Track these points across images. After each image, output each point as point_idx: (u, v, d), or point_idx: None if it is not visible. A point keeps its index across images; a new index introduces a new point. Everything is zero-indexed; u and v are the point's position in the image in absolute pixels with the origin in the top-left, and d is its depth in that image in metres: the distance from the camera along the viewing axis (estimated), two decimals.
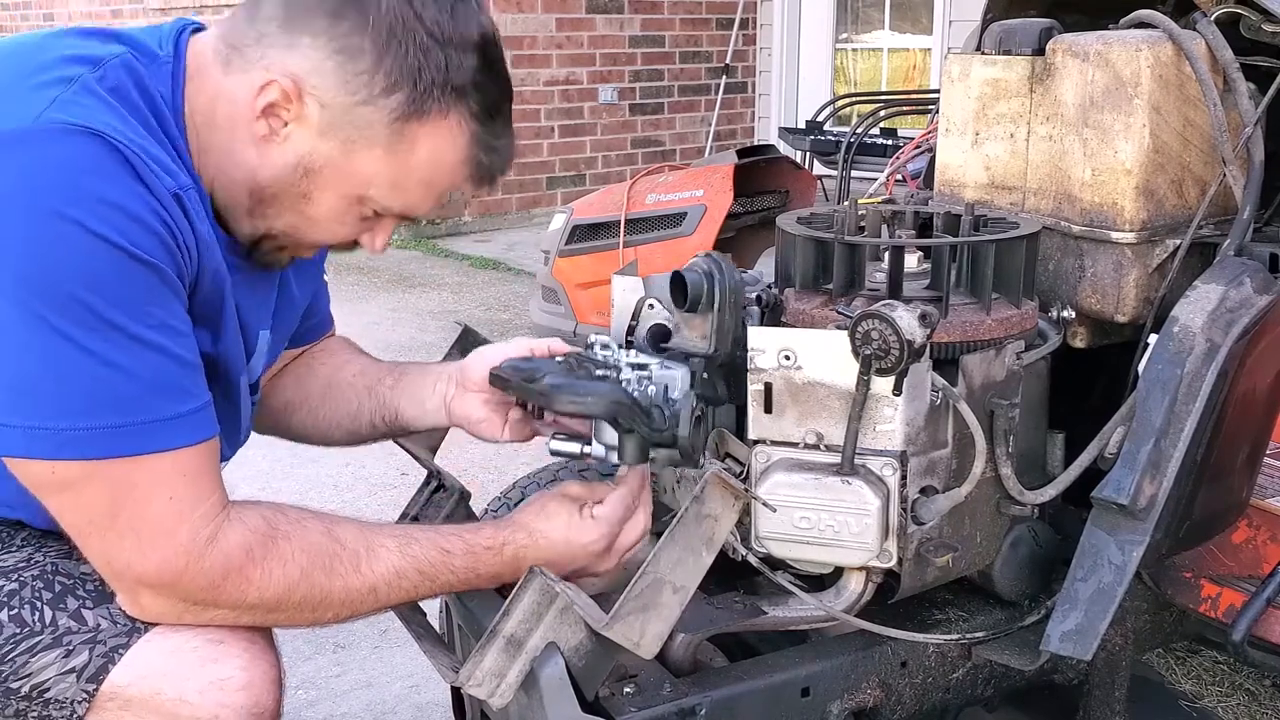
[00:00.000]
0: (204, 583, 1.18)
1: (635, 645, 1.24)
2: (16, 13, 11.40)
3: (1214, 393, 1.39)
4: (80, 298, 1.07)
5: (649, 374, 1.38)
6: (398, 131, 1.22)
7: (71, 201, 1.07)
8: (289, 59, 1.19)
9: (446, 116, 1.23)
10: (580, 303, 4.87)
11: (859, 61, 8.14)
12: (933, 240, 1.53)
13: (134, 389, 1.12)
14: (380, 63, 1.19)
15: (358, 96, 1.20)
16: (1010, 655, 1.49)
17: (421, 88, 1.20)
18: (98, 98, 1.15)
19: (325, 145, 1.22)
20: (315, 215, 1.28)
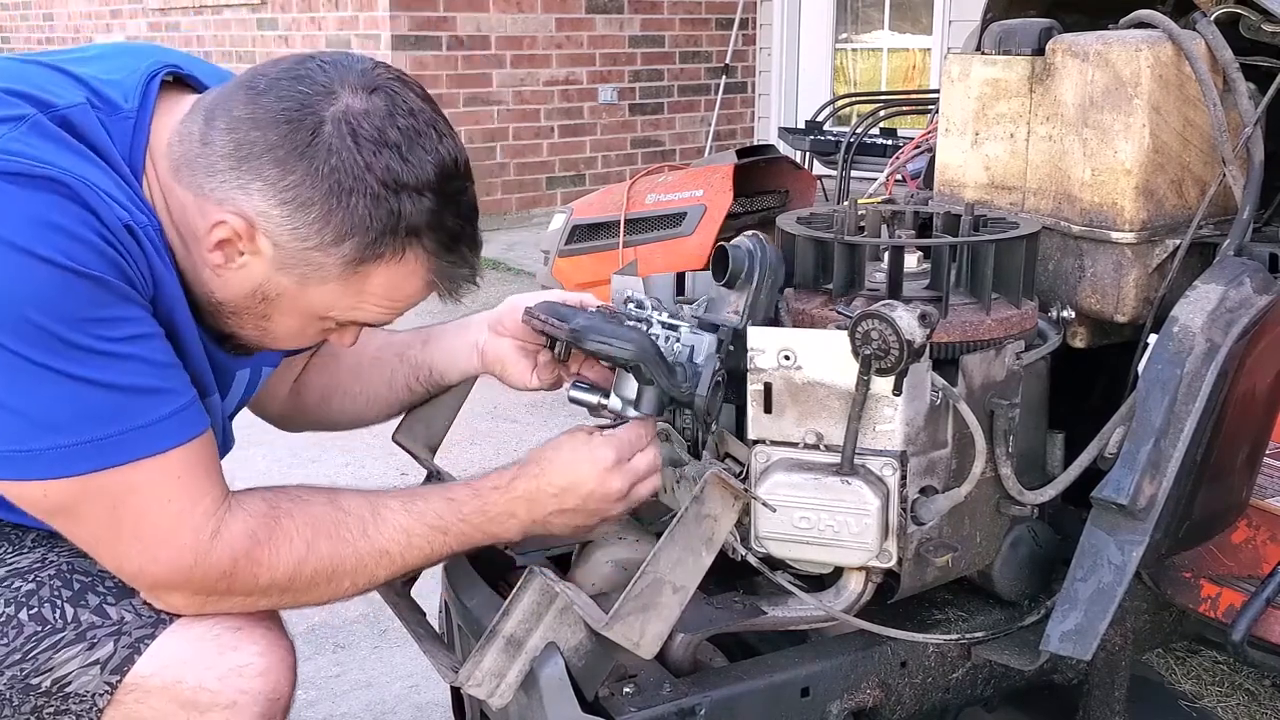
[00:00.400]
0: (215, 575, 1.20)
1: (635, 645, 1.24)
2: (16, 13, 11.40)
3: (1214, 393, 1.39)
4: (34, 320, 1.07)
5: (678, 334, 1.40)
6: (352, 272, 1.21)
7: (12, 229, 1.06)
8: (240, 198, 1.17)
9: (401, 257, 1.21)
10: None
11: (859, 61, 8.14)
12: (932, 240, 1.53)
13: (108, 400, 1.12)
14: (329, 215, 1.17)
15: (309, 243, 1.18)
16: (1010, 655, 1.49)
17: (372, 235, 1.18)
18: (50, 138, 1.14)
19: (280, 278, 1.21)
20: (276, 332, 1.29)
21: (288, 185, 1.15)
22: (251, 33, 8.17)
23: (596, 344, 1.33)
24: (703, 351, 1.38)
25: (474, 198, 1.26)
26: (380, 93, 1.18)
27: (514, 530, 1.36)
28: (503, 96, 7.30)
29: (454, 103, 7.08)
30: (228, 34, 8.45)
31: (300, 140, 1.15)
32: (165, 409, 1.16)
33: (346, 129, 1.15)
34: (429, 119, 1.20)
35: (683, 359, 1.38)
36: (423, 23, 6.88)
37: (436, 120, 1.21)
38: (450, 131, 1.23)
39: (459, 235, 1.24)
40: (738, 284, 1.43)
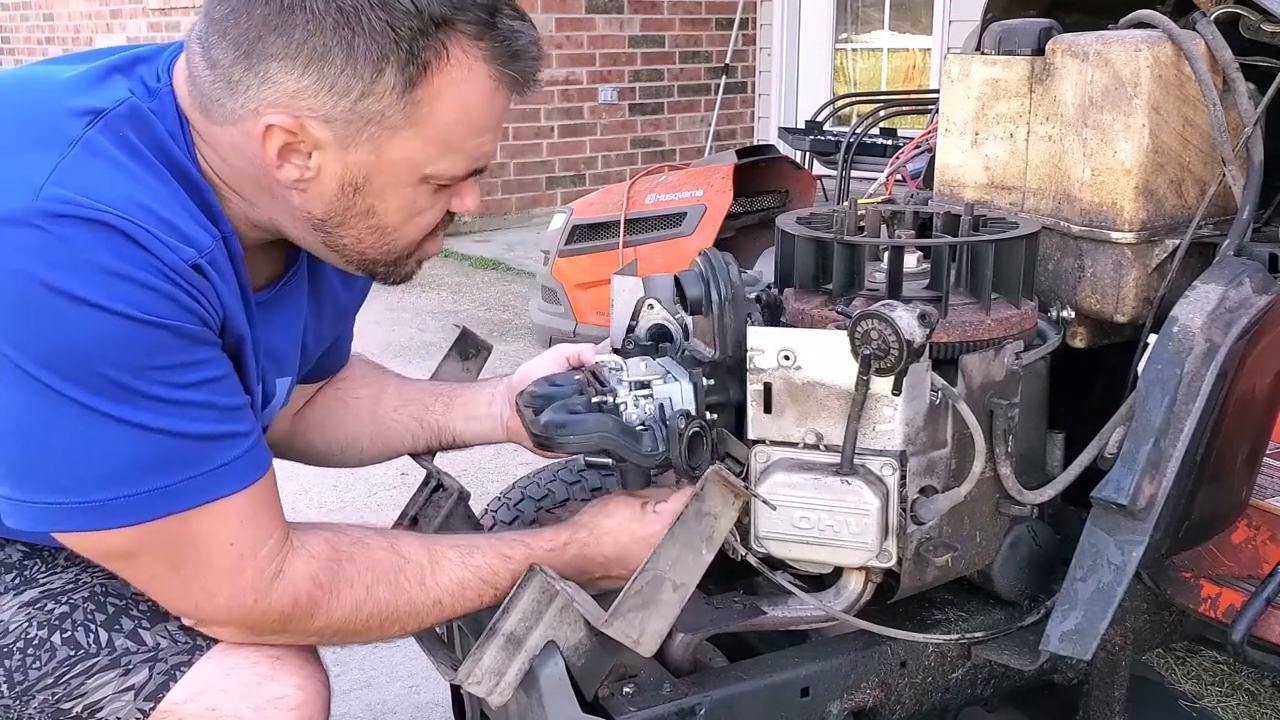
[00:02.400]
0: (273, 616, 1.19)
1: (634, 643, 1.24)
2: (16, 13, 11.40)
3: (1213, 392, 1.39)
4: (102, 372, 1.04)
5: (650, 392, 1.38)
6: (411, 102, 1.12)
7: (79, 280, 1.02)
8: (270, 94, 1.10)
9: (448, 56, 1.11)
10: (580, 303, 4.87)
11: (859, 61, 8.14)
12: (932, 240, 1.53)
13: (174, 448, 1.09)
14: (352, 51, 1.08)
15: (353, 95, 1.10)
16: (1010, 655, 1.49)
17: (405, 45, 1.09)
18: (104, 158, 1.09)
19: (356, 156, 1.14)
20: (390, 222, 1.21)
21: (298, 46, 1.08)
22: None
23: (563, 442, 1.33)
24: (677, 402, 1.38)
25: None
26: None
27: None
28: None
29: None
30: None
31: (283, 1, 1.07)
32: (230, 454, 1.13)
33: None
34: None
35: (655, 419, 1.36)
36: None
37: None
38: None
39: (493, 5, 1.13)
40: (703, 310, 1.42)
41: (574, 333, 4.88)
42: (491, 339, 1.64)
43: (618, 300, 1.59)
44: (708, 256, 1.43)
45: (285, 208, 1.19)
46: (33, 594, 1.24)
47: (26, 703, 1.20)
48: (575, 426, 1.33)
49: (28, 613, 1.23)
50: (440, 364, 1.73)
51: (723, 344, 1.40)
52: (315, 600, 1.20)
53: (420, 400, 1.62)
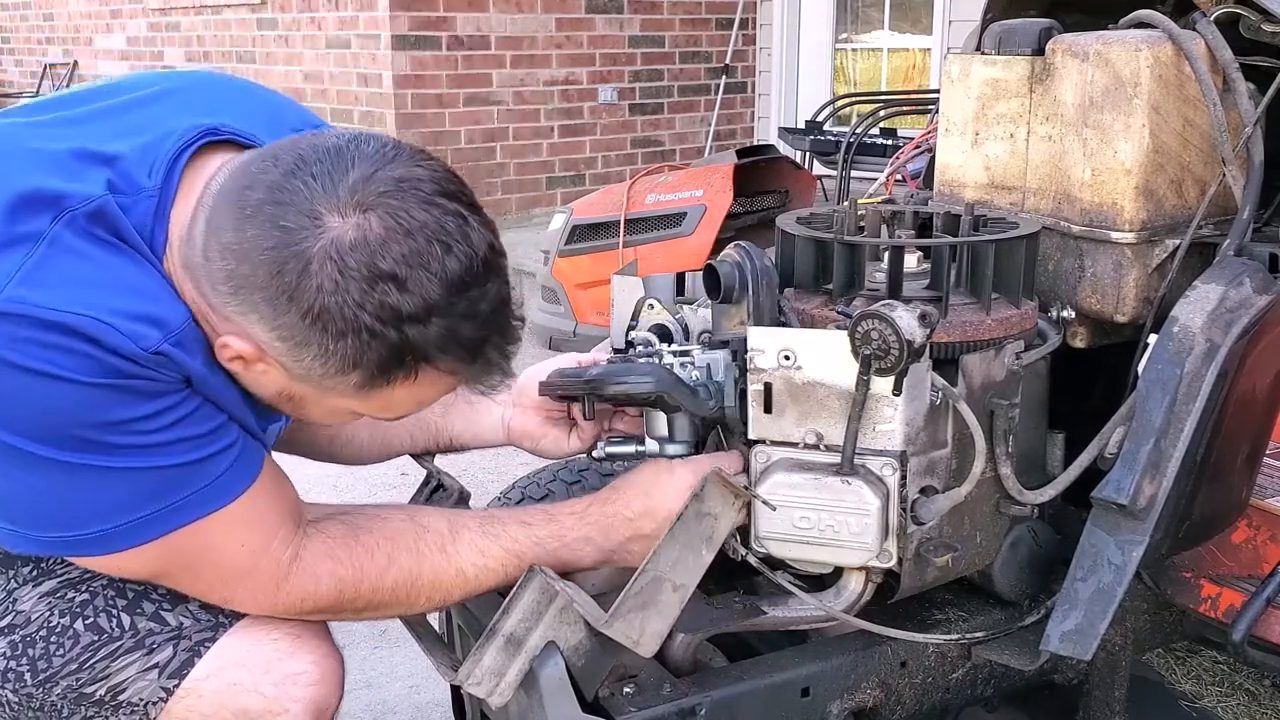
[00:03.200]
0: (299, 596, 1.23)
1: (634, 643, 1.24)
2: (16, 13, 11.40)
3: (1214, 393, 1.39)
4: (76, 434, 1.07)
5: (691, 358, 1.40)
6: (365, 393, 1.14)
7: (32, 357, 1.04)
8: (243, 325, 1.11)
9: (415, 377, 1.13)
10: (580, 303, 4.87)
11: (859, 61, 8.14)
12: (932, 240, 1.53)
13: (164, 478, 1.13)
14: (328, 354, 1.09)
15: (315, 372, 1.11)
16: (1010, 655, 1.49)
17: (373, 369, 1.10)
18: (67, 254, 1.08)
19: (300, 387, 1.16)
20: (317, 418, 1.26)
21: (281, 325, 1.08)
22: (251, 33, 8.17)
23: (615, 387, 1.32)
24: (720, 368, 1.38)
25: (500, 293, 1.14)
26: (374, 212, 1.06)
27: (590, 557, 1.36)
28: (502, 96, 7.30)
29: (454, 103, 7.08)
30: (228, 34, 8.44)
31: (288, 282, 1.06)
32: (218, 468, 1.16)
33: (333, 267, 1.05)
34: (434, 230, 1.08)
35: (703, 380, 1.38)
36: (422, 23, 6.88)
37: (445, 225, 1.08)
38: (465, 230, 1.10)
39: (480, 344, 1.13)
40: (735, 297, 1.43)
41: (574, 333, 4.88)
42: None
43: (618, 300, 1.59)
44: (740, 245, 1.45)
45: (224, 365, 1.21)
46: (51, 584, 1.27)
47: (50, 690, 1.23)
48: (629, 374, 1.32)
49: (48, 602, 1.25)
50: None
51: (759, 320, 1.41)
52: (338, 576, 1.23)
53: None
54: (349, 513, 1.29)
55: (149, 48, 9.45)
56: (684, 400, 1.33)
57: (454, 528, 1.30)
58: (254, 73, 8.04)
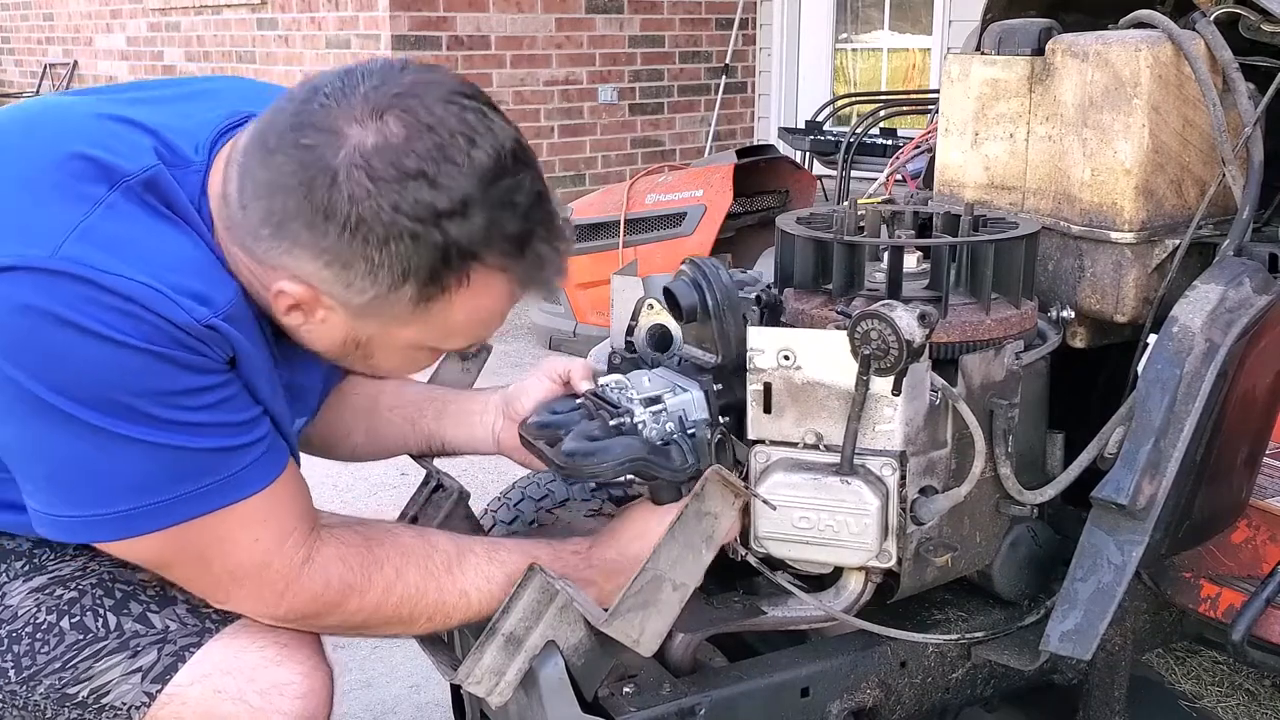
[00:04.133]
0: (306, 599, 1.21)
1: (634, 642, 1.24)
2: (16, 13, 11.40)
3: (1213, 393, 1.39)
4: (117, 398, 1.06)
5: (663, 407, 1.37)
6: (424, 309, 1.13)
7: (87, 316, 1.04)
8: (290, 263, 1.11)
9: (468, 280, 1.12)
10: (580, 303, 4.87)
11: (859, 61, 8.14)
12: (932, 240, 1.53)
13: (191, 462, 1.12)
14: (375, 268, 1.09)
15: (368, 295, 1.11)
16: (1010, 655, 1.49)
17: (425, 274, 1.09)
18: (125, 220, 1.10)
19: (363, 324, 1.16)
20: (386, 367, 1.26)
21: (325, 249, 1.09)
22: (251, 33, 8.17)
23: (594, 470, 1.31)
24: (693, 412, 1.37)
25: (535, 183, 1.14)
26: (390, 114, 1.07)
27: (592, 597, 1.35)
28: (502, 96, 7.29)
29: None
30: (228, 34, 8.44)
31: (319, 201, 1.06)
32: (246, 459, 1.15)
33: (360, 174, 1.06)
34: (455, 124, 1.08)
35: (677, 432, 1.36)
36: (423, 23, 6.88)
37: (465, 119, 1.08)
38: (487, 123, 1.10)
39: (526, 236, 1.13)
40: (699, 317, 1.42)
41: (574, 333, 4.88)
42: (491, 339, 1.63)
43: (618, 300, 1.59)
44: (696, 264, 1.42)
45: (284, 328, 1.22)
46: (42, 580, 1.26)
47: (33, 689, 1.22)
48: (603, 453, 1.31)
49: (36, 598, 1.24)
50: (440, 364, 1.73)
51: (725, 348, 1.40)
52: (347, 582, 1.22)
53: (415, 404, 1.63)
54: (362, 524, 1.28)
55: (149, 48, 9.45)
56: (660, 472, 1.33)
57: (461, 551, 1.30)
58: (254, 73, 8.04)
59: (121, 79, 10.00)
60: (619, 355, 1.51)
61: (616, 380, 1.41)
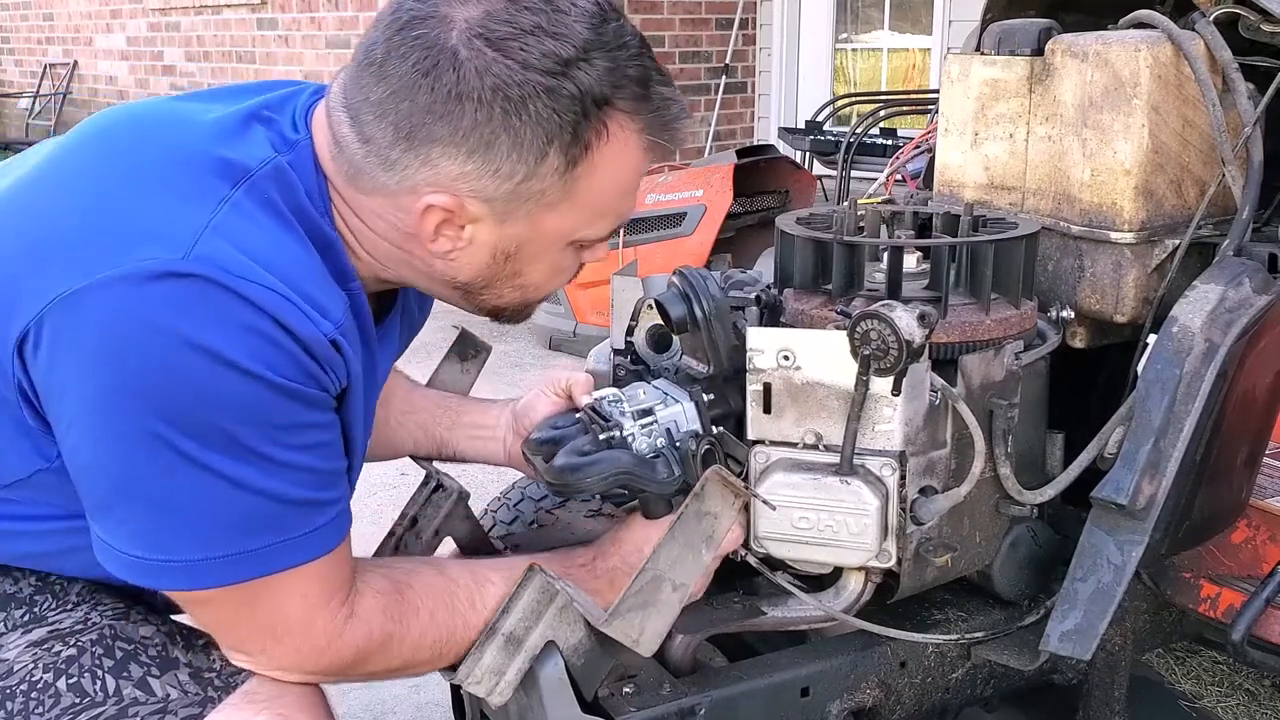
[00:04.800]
0: (349, 656, 1.18)
1: (634, 642, 1.24)
2: (16, 13, 11.40)
3: (1213, 393, 1.39)
4: (223, 428, 1.03)
5: (654, 420, 1.37)
6: (571, 179, 1.13)
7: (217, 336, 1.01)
8: (429, 174, 1.10)
9: (608, 134, 1.12)
10: (580, 303, 4.87)
11: (859, 61, 8.14)
12: (932, 240, 1.53)
13: (270, 512, 1.08)
14: (518, 138, 1.08)
15: (516, 178, 1.10)
16: (1009, 655, 1.49)
17: (569, 130, 1.09)
18: (252, 223, 1.08)
19: (511, 228, 1.15)
20: (534, 282, 1.24)
21: (464, 134, 1.07)
22: (251, 33, 8.17)
23: (581, 485, 1.33)
24: (684, 424, 1.38)
25: (634, 29, 1.15)
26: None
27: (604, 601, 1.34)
28: None
29: None
30: (228, 34, 8.44)
31: (448, 83, 1.06)
32: (320, 519, 1.12)
33: (481, 43, 1.05)
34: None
35: (666, 445, 1.36)
36: None
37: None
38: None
39: (645, 77, 1.13)
40: (689, 328, 1.42)
41: (574, 333, 4.88)
42: (491, 339, 1.63)
43: (618, 300, 1.59)
44: (684, 274, 1.43)
45: (425, 272, 1.21)
46: (41, 633, 1.20)
47: None
48: (589, 468, 1.32)
49: (34, 653, 1.18)
50: (439, 365, 1.73)
51: (716, 358, 1.41)
52: (388, 633, 1.19)
53: (427, 409, 1.63)
54: (385, 568, 1.25)
55: (149, 48, 9.45)
56: (646, 485, 1.34)
57: (479, 582, 1.27)
58: (254, 73, 8.04)
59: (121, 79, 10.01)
60: (623, 368, 1.52)
61: (614, 394, 1.41)
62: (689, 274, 1.42)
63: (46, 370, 1.04)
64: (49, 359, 1.04)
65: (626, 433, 1.36)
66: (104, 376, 1.01)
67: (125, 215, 1.06)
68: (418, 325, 1.50)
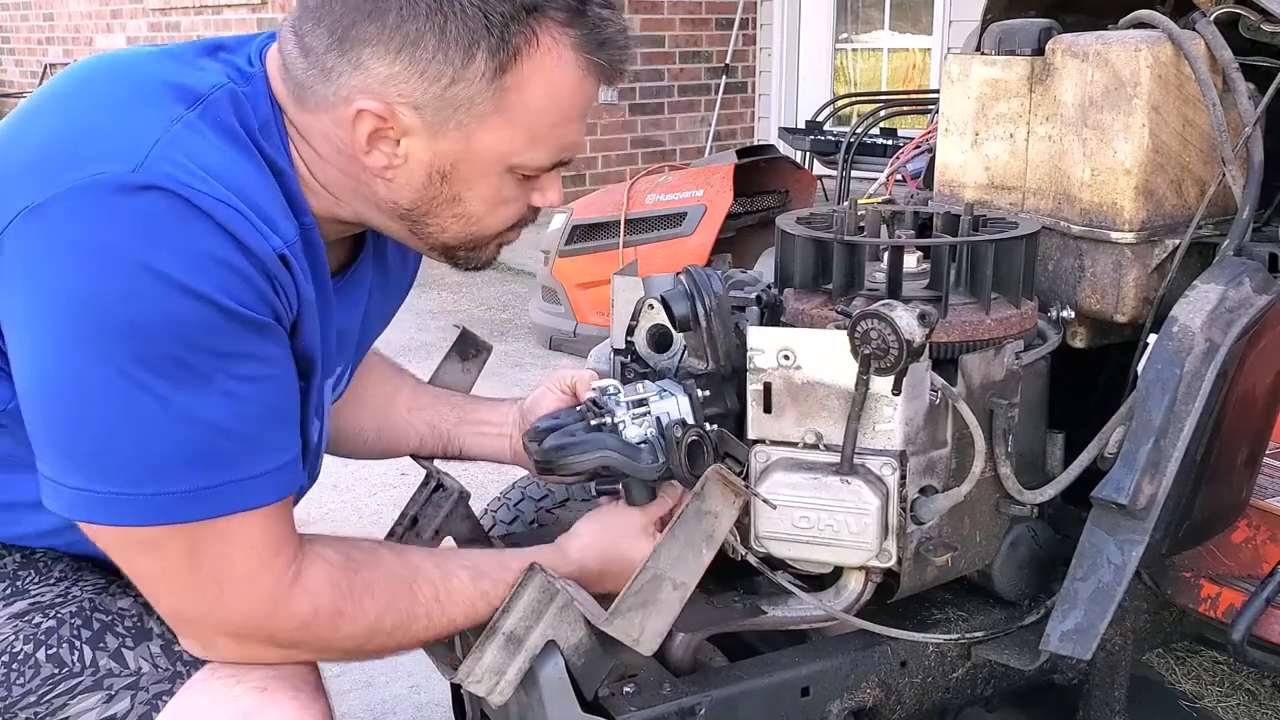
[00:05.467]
0: (294, 625, 1.15)
1: (635, 641, 1.24)
2: (16, 13, 11.40)
3: (1213, 392, 1.39)
4: (173, 353, 1.02)
5: (647, 409, 1.38)
6: (501, 89, 1.12)
7: (173, 260, 1.01)
8: (361, 80, 1.12)
9: (538, 43, 1.12)
10: (580, 303, 4.88)
11: (859, 61, 8.14)
12: (932, 240, 1.53)
13: (226, 445, 1.07)
14: (443, 35, 1.09)
15: (443, 80, 1.11)
16: (1010, 655, 1.49)
17: (496, 31, 1.09)
18: (203, 140, 1.09)
19: (444, 144, 1.15)
20: (475, 210, 1.22)
21: (391, 33, 1.09)
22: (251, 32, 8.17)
23: (566, 464, 1.36)
24: (674, 416, 1.38)
25: None
26: None
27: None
28: None
29: None
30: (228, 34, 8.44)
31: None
32: (270, 463, 1.11)
33: None
34: None
35: (655, 435, 1.37)
36: None
37: None
38: None
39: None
40: (690, 326, 1.43)
41: (574, 333, 4.89)
42: (491, 339, 1.64)
43: (618, 300, 1.59)
44: (690, 273, 1.43)
45: (371, 199, 1.21)
46: (22, 605, 1.21)
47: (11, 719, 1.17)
48: (574, 448, 1.35)
49: (15, 625, 1.19)
50: (440, 364, 1.73)
51: (714, 355, 1.41)
52: (338, 608, 1.16)
53: (434, 407, 1.63)
54: (342, 543, 1.22)
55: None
56: (629, 469, 1.35)
57: (445, 573, 1.26)
58: None
59: None
60: (631, 370, 1.52)
61: (614, 386, 1.42)
62: (695, 272, 1.43)
63: (6, 287, 1.05)
64: (8, 275, 1.05)
65: (618, 420, 1.37)
66: (54, 286, 1.02)
67: (83, 135, 1.08)
68: (401, 286, 1.50)
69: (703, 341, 1.42)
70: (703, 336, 1.41)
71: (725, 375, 1.41)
